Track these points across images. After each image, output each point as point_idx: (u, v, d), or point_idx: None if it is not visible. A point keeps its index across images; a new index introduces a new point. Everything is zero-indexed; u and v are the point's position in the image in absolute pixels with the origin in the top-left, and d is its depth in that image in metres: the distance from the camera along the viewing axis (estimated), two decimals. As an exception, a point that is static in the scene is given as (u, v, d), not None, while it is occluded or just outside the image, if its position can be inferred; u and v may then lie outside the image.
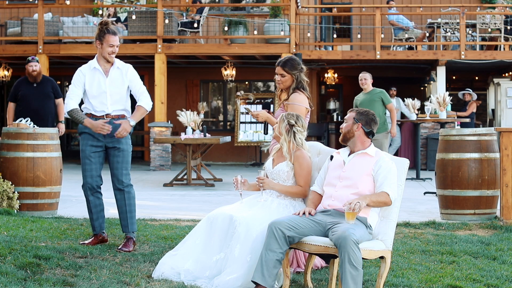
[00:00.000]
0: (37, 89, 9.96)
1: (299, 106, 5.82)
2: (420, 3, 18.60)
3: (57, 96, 10.13)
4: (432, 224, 7.58)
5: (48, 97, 10.01)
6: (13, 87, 10.18)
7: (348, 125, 5.00)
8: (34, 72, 9.93)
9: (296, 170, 5.25)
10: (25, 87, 9.98)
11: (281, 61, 5.94)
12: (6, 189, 7.89)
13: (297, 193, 5.26)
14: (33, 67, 9.94)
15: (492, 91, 18.28)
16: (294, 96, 5.88)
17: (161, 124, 15.97)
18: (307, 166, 5.27)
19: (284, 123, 5.32)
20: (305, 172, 5.25)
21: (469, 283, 5.18)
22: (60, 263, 5.46)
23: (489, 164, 7.79)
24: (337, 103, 21.48)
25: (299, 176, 5.25)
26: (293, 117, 5.34)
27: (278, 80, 5.95)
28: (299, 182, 5.26)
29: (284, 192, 5.26)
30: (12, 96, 10.10)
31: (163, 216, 8.21)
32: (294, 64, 5.91)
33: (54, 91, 10.10)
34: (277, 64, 5.94)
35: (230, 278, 4.85)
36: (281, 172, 5.27)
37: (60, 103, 10.16)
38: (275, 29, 16.48)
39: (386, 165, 4.86)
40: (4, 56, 16.91)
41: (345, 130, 5.01)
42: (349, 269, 4.47)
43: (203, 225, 5.23)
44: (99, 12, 18.16)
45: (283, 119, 5.34)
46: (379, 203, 4.81)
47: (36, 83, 9.97)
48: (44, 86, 10.02)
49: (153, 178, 14.01)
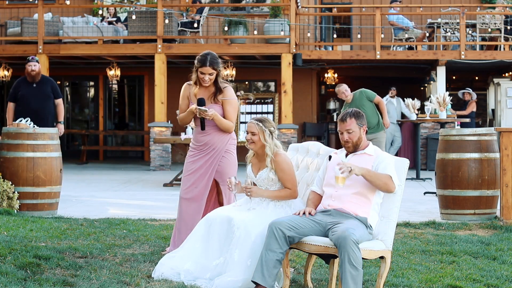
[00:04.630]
0: (36, 89, 9.92)
1: (236, 101, 6.02)
2: (420, 3, 18.59)
3: (57, 96, 10.10)
4: (432, 224, 7.58)
5: (47, 97, 9.98)
6: (12, 87, 10.15)
7: (355, 132, 4.91)
8: (33, 72, 9.89)
9: (280, 176, 5.18)
10: (25, 87, 9.94)
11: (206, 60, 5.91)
12: (6, 189, 7.89)
13: (286, 196, 5.20)
14: (32, 67, 9.91)
15: (492, 91, 18.28)
16: (230, 91, 5.99)
17: (161, 124, 15.97)
18: (288, 168, 5.20)
19: (266, 133, 5.19)
20: (288, 175, 5.19)
21: (469, 283, 5.18)
22: (60, 263, 5.45)
23: (489, 164, 7.79)
24: (337, 103, 21.47)
25: (285, 181, 5.19)
26: (267, 122, 5.23)
27: (207, 80, 5.93)
28: (287, 186, 5.20)
29: (274, 198, 5.20)
30: (11, 96, 10.07)
31: (163, 216, 8.21)
32: (218, 60, 5.97)
33: (54, 91, 10.07)
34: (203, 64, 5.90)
35: (231, 279, 4.85)
36: (266, 179, 5.22)
37: (59, 103, 10.13)
38: (275, 29, 16.47)
39: (386, 159, 4.86)
40: (4, 56, 16.90)
41: (355, 139, 4.91)
42: (349, 269, 4.47)
43: (201, 228, 5.21)
44: (99, 12, 18.17)
45: (263, 129, 5.17)
46: (379, 181, 4.72)
47: (36, 83, 9.94)
48: (43, 86, 9.99)
49: (153, 178, 14.01)
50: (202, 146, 6.02)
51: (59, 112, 10.10)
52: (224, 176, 5.93)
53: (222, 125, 5.97)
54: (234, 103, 6.04)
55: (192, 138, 6.13)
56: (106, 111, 19.77)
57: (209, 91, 6.02)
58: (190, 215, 6.01)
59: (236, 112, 6.09)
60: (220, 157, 6.01)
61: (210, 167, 6.01)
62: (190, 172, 6.04)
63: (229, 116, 6.00)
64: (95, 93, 20.03)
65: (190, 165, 6.05)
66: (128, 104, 20.35)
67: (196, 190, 6.02)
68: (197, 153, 6.04)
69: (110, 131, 19.45)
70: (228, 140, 6.05)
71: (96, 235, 6.75)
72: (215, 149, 6.00)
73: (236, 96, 6.12)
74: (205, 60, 5.92)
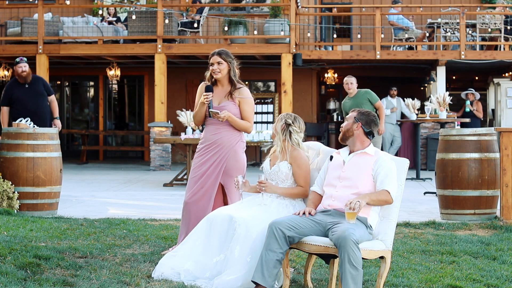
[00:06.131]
0: (30, 90, 9.86)
1: (253, 101, 5.99)
2: (420, 3, 18.60)
3: (49, 93, 10.06)
4: (432, 224, 7.58)
5: (42, 96, 9.93)
6: (4, 91, 9.99)
7: (348, 124, 5.02)
8: (24, 72, 9.84)
9: (295, 170, 5.24)
10: (18, 89, 9.86)
11: (215, 52, 5.92)
12: (6, 189, 7.89)
13: (298, 193, 5.25)
14: (23, 68, 9.85)
15: (492, 91, 18.28)
16: (246, 91, 5.96)
17: (161, 124, 15.97)
18: (306, 165, 5.26)
19: (281, 122, 5.31)
20: (304, 172, 5.25)
21: (469, 283, 5.18)
22: (60, 263, 5.45)
23: (489, 164, 7.79)
24: (337, 103, 21.46)
25: (299, 176, 5.24)
26: (291, 117, 5.33)
27: (216, 69, 5.87)
28: (299, 182, 5.25)
29: (286, 195, 5.23)
30: (4, 100, 9.91)
31: (163, 216, 8.21)
32: (228, 53, 5.96)
33: (46, 89, 10.02)
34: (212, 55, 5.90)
35: (230, 279, 4.85)
36: (279, 172, 5.26)
37: (52, 99, 10.09)
38: (275, 29, 16.47)
39: (386, 164, 4.87)
40: (4, 56, 16.90)
41: (345, 128, 5.02)
42: (349, 269, 4.47)
43: (202, 226, 5.21)
44: (99, 12, 18.17)
45: (281, 118, 5.34)
46: (379, 201, 4.80)
47: (28, 84, 9.88)
48: (36, 85, 9.93)
49: (153, 178, 14.01)
50: (210, 145, 5.91)
51: (53, 108, 10.06)
52: (230, 178, 5.85)
53: (239, 125, 5.89)
54: (251, 102, 5.96)
55: (202, 137, 6.03)
56: (106, 111, 19.77)
57: (224, 90, 5.94)
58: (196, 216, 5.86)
59: (253, 111, 6.03)
60: (228, 157, 5.90)
61: (217, 167, 5.90)
62: (197, 176, 5.92)
63: (246, 116, 5.92)
64: (95, 93, 20.03)
65: (198, 168, 5.93)
66: (128, 104, 20.35)
67: (202, 190, 5.90)
68: (204, 153, 5.93)
69: (110, 131, 19.45)
70: (237, 141, 5.95)
71: (96, 235, 6.75)
72: (223, 149, 5.89)
73: (252, 96, 6.03)
74: (214, 52, 5.91)
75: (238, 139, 5.96)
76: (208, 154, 5.92)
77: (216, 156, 5.90)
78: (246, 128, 5.94)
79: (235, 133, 5.93)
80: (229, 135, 5.91)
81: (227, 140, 5.91)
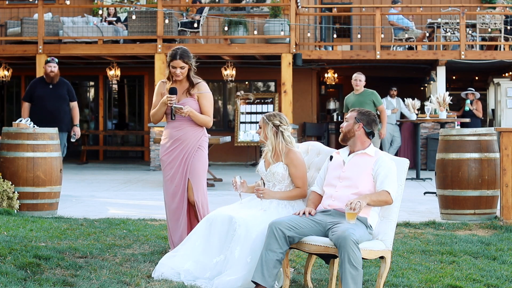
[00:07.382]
0: (52, 91, 10.01)
1: (211, 95, 6.02)
2: (420, 3, 18.60)
3: (72, 99, 10.17)
4: (432, 224, 7.59)
5: (63, 99, 10.06)
6: (28, 87, 10.20)
7: (349, 124, 5.01)
8: (52, 73, 10.01)
9: (292, 172, 5.22)
10: (41, 88, 10.02)
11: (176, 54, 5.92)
12: (6, 189, 7.89)
13: (297, 195, 5.24)
14: (52, 68, 10.02)
15: (492, 91, 18.29)
16: (204, 86, 5.99)
17: (161, 124, 15.94)
18: (302, 166, 5.24)
19: (269, 126, 5.25)
20: (301, 173, 5.23)
21: (469, 283, 5.18)
22: (60, 263, 5.46)
23: (489, 164, 7.79)
24: (337, 103, 21.48)
25: (296, 178, 5.22)
26: (275, 117, 5.28)
27: (178, 74, 5.91)
28: (297, 183, 5.23)
29: (285, 198, 5.22)
30: (27, 96, 10.11)
31: (163, 216, 8.15)
32: (189, 54, 5.97)
33: (69, 94, 10.15)
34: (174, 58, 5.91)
35: (231, 279, 4.85)
36: (275, 174, 5.24)
37: (74, 106, 10.20)
38: (275, 29, 16.47)
39: (386, 164, 4.87)
40: (4, 56, 16.91)
41: (346, 129, 5.01)
42: (349, 269, 4.47)
43: (202, 227, 5.21)
44: (99, 12, 18.16)
45: (266, 123, 5.26)
46: (379, 202, 4.80)
47: (52, 85, 10.02)
48: (59, 88, 10.08)
49: (153, 178, 14.01)
50: (175, 141, 5.96)
51: (74, 115, 10.19)
52: (194, 172, 5.91)
53: (199, 120, 5.95)
54: (210, 97, 6.04)
55: (164, 134, 6.06)
56: (106, 111, 19.77)
57: (183, 87, 6.00)
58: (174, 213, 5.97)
59: (213, 106, 6.07)
60: (193, 152, 5.96)
61: (186, 164, 5.94)
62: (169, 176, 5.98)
63: (206, 111, 5.98)
64: (95, 93, 20.04)
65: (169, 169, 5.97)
66: (128, 104, 20.35)
67: (172, 186, 5.97)
68: (170, 151, 5.97)
69: (110, 131, 19.45)
70: (201, 137, 6.02)
71: (96, 235, 6.75)
72: (188, 145, 5.95)
73: (210, 91, 6.08)
74: (176, 54, 5.93)
75: (201, 134, 6.03)
76: (175, 152, 5.97)
77: (183, 153, 5.96)
78: (207, 123, 6.00)
79: (198, 129, 6.00)
80: (192, 130, 5.97)
81: (191, 136, 5.97)
